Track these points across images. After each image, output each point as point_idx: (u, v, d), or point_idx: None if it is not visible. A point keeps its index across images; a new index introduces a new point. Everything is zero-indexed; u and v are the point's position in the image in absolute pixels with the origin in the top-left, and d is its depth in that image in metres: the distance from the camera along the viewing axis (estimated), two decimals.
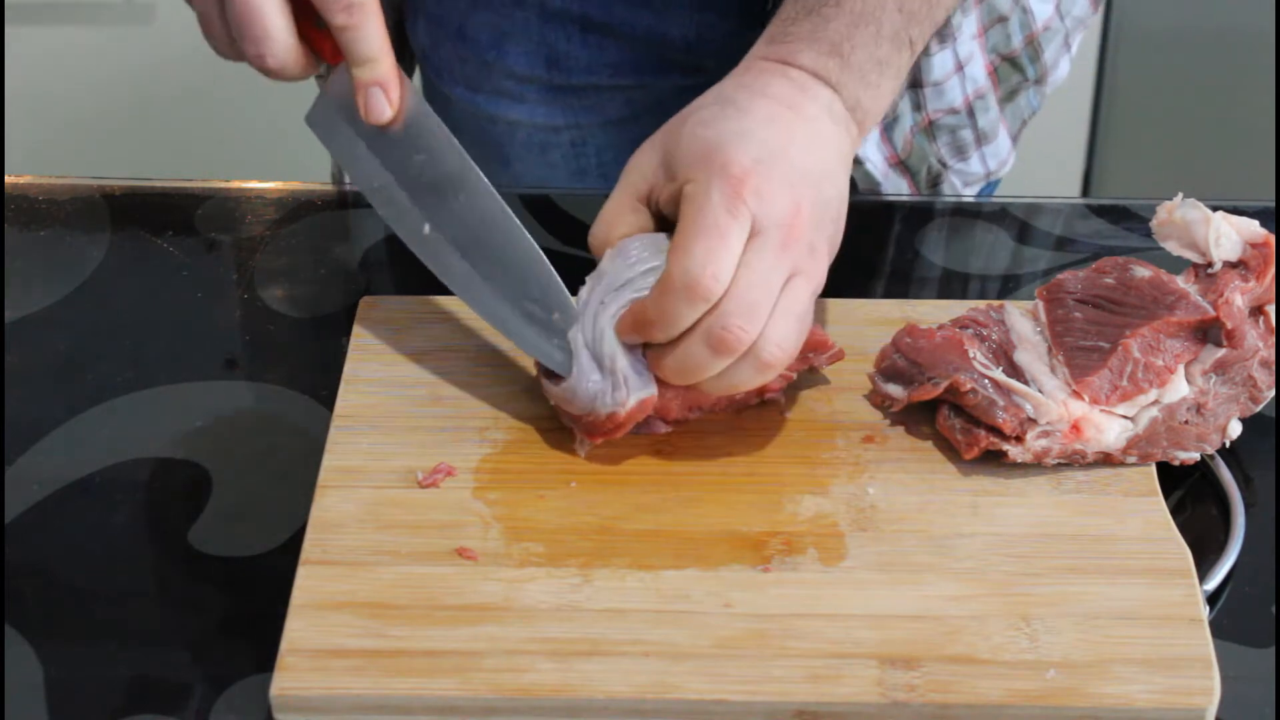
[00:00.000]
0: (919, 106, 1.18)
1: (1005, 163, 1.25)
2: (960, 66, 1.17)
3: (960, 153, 1.21)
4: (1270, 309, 0.91)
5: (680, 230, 0.84)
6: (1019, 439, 0.88)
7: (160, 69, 2.17)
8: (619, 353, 0.87)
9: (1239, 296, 0.89)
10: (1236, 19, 2.13)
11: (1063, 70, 1.24)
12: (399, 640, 0.80)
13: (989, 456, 0.89)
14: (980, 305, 0.95)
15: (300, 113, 0.93)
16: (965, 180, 1.23)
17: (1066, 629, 0.81)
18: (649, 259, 0.87)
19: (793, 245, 0.84)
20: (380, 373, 0.95)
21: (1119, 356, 0.89)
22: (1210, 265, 0.92)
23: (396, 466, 0.89)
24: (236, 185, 1.13)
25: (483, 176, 0.91)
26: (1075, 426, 0.88)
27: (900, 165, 1.20)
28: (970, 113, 1.20)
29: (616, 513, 0.87)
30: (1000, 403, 0.88)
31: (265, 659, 0.80)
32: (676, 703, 0.78)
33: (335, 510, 0.87)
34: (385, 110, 0.90)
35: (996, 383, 0.89)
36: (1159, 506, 0.87)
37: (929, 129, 1.19)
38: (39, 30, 2.14)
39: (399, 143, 0.91)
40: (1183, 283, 0.92)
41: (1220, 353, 0.89)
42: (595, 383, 0.87)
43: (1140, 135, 2.23)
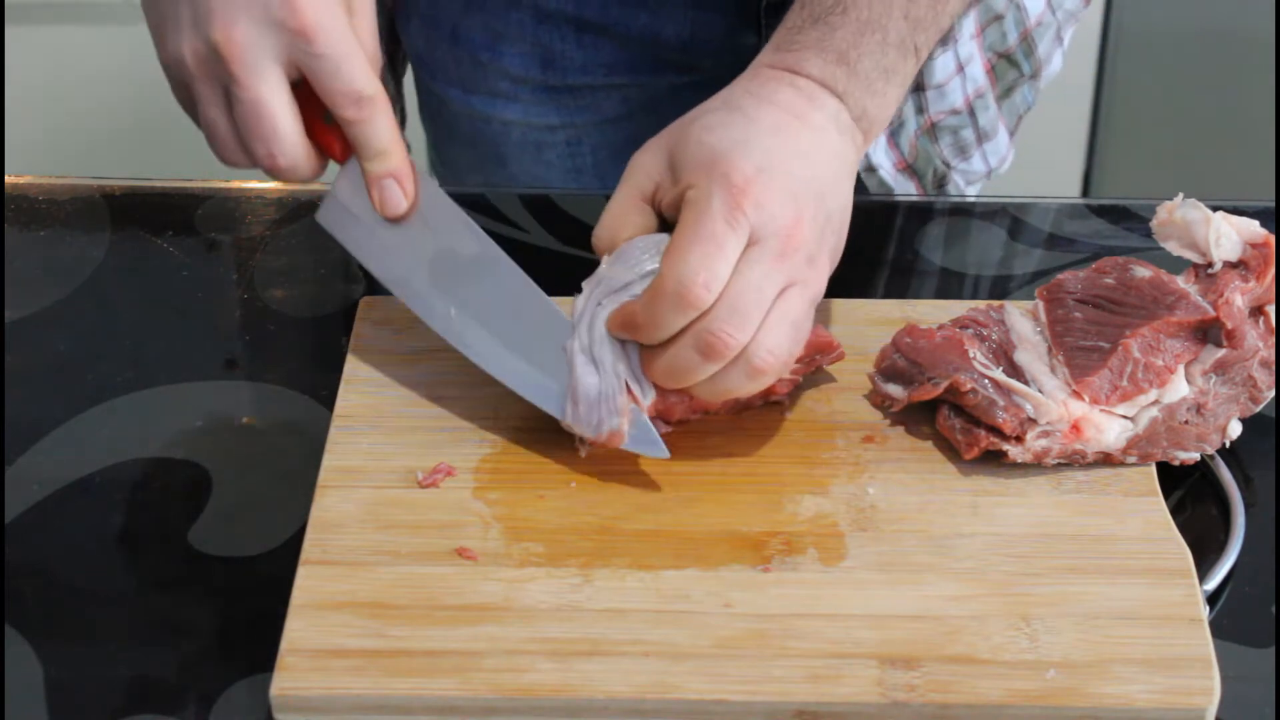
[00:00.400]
0: (922, 109, 1.18)
1: (1005, 159, 1.26)
2: (961, 68, 1.17)
3: (963, 152, 1.21)
4: (1270, 309, 0.91)
5: (677, 236, 0.84)
6: (1019, 439, 0.88)
7: (160, 69, 2.16)
8: (618, 356, 0.87)
9: (1239, 296, 0.89)
10: (1236, 19, 2.13)
11: (1056, 64, 1.24)
12: (399, 640, 0.80)
13: (989, 456, 0.89)
14: (980, 305, 0.95)
15: None
16: (968, 179, 1.23)
17: (1066, 629, 0.81)
18: (648, 262, 0.87)
19: (790, 255, 0.84)
20: (380, 373, 0.95)
21: (1119, 356, 0.89)
22: (1210, 265, 0.92)
23: (396, 466, 0.89)
24: (236, 185, 1.13)
25: (502, 253, 0.90)
26: (1075, 426, 0.88)
27: (908, 169, 1.20)
28: (971, 112, 1.20)
29: (616, 513, 0.87)
30: (1000, 403, 0.88)
31: (265, 659, 0.80)
32: (676, 703, 0.78)
33: (335, 510, 0.87)
34: (401, 202, 0.89)
35: (996, 383, 0.89)
36: (1159, 506, 0.87)
37: (931, 131, 1.19)
38: (39, 30, 2.14)
39: (414, 230, 0.90)
40: (1183, 283, 0.92)
41: (1220, 353, 0.89)
42: (592, 386, 0.87)
43: (1140, 135, 2.23)
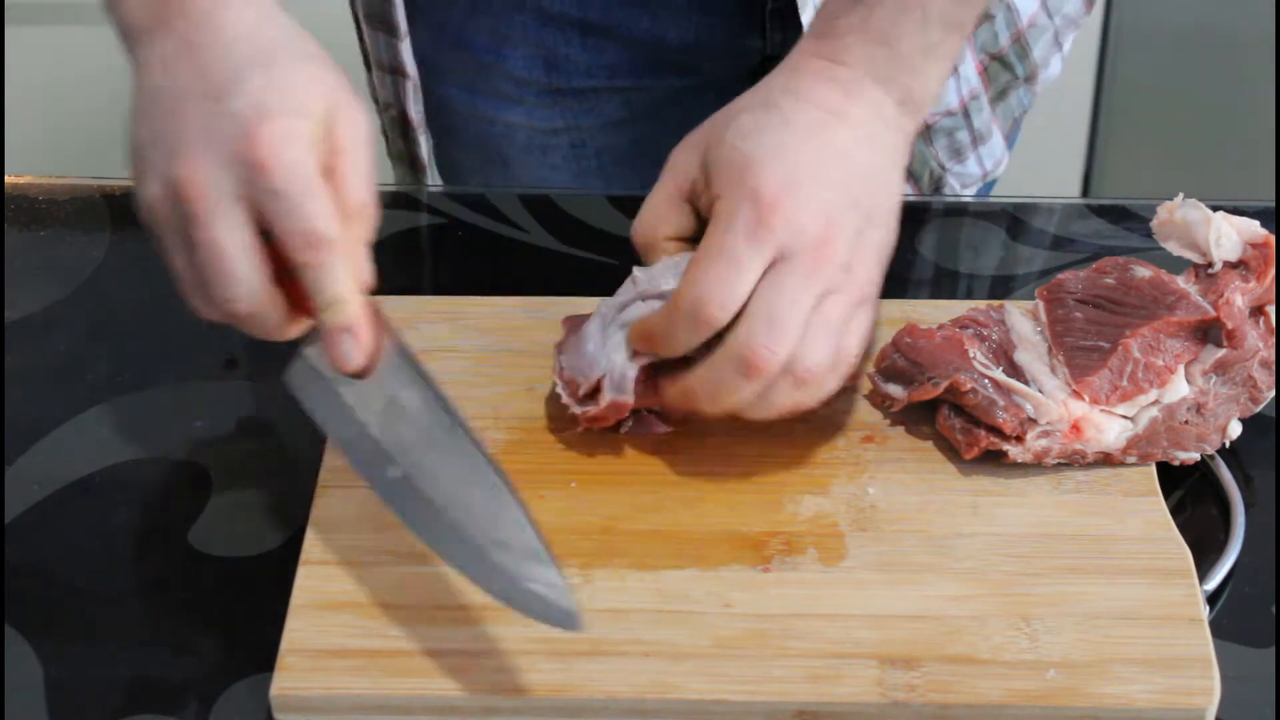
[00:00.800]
0: None
1: (1000, 162, 1.25)
2: (954, 68, 1.17)
3: (958, 155, 1.21)
4: (1270, 309, 0.91)
5: (700, 250, 0.83)
6: (1019, 439, 0.88)
7: None
8: (622, 356, 0.87)
9: (1239, 297, 0.89)
10: (1236, 19, 2.13)
11: (1054, 69, 1.23)
12: (399, 640, 0.80)
13: (989, 456, 0.89)
14: (980, 305, 0.95)
15: None
16: (963, 182, 1.23)
17: (1066, 629, 0.81)
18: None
19: (824, 266, 0.83)
20: None
21: (1119, 356, 0.89)
22: (1210, 265, 0.92)
23: None
24: None
25: (467, 425, 0.81)
26: (1075, 426, 0.88)
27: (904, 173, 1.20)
28: (965, 114, 1.20)
29: (616, 513, 0.87)
30: (1000, 403, 0.88)
31: (265, 659, 0.80)
32: (676, 703, 0.78)
33: (335, 510, 0.86)
34: (355, 357, 0.80)
35: (996, 383, 0.89)
36: (1159, 506, 0.87)
37: (926, 133, 1.19)
38: (39, 30, 2.14)
39: (373, 389, 0.81)
40: (1183, 283, 0.92)
41: (1220, 353, 0.89)
42: (595, 344, 0.87)
43: (1140, 135, 2.23)
